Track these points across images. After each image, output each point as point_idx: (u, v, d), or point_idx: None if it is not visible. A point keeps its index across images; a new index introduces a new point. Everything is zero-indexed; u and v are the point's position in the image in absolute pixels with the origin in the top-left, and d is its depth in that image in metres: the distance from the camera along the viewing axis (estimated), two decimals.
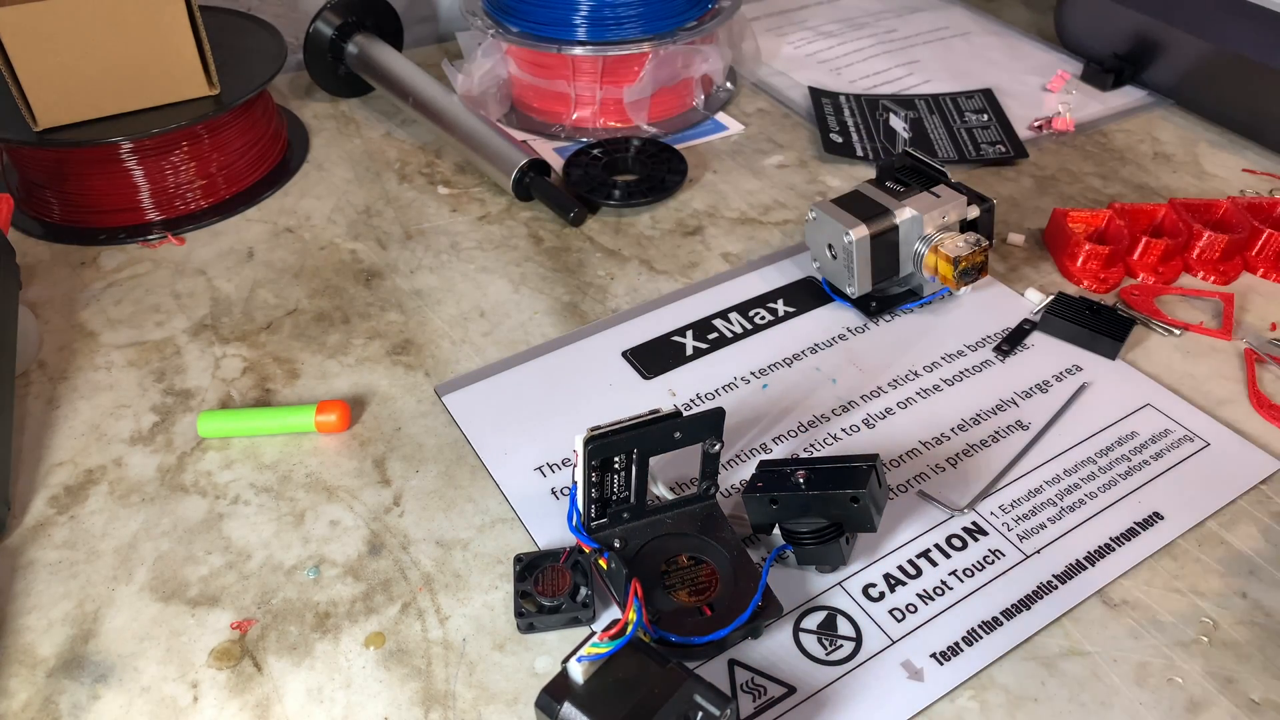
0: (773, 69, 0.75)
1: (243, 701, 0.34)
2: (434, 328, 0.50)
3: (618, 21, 0.63)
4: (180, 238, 0.57)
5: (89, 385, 0.47)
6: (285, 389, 0.47)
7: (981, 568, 0.38)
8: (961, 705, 0.34)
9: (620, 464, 0.36)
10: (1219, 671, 0.34)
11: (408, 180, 0.62)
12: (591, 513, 0.37)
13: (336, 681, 0.35)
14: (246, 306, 0.52)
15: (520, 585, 0.36)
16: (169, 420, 0.45)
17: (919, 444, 0.43)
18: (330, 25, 0.67)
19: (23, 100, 0.53)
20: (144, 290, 0.53)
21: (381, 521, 0.41)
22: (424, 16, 0.80)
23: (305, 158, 0.64)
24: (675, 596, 0.36)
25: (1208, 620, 0.36)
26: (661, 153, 0.62)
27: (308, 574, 0.39)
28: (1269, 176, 0.62)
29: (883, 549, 0.39)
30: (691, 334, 0.50)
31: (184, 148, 0.57)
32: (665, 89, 0.66)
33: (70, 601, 0.38)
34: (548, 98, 0.67)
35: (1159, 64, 0.69)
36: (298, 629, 0.37)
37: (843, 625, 0.36)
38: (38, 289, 0.53)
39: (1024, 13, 0.83)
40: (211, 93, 0.58)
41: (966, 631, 0.36)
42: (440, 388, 0.47)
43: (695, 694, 0.30)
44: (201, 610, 0.37)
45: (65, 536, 0.40)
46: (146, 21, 0.54)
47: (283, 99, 0.70)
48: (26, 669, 0.36)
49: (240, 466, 0.43)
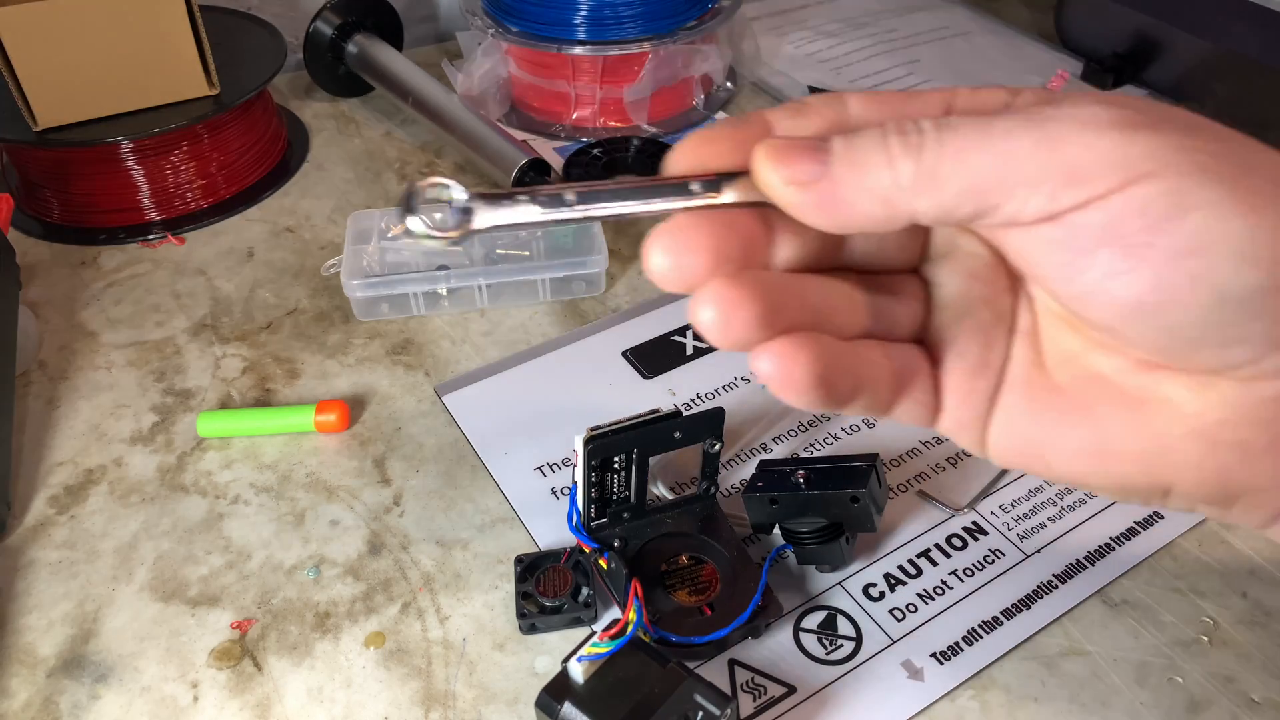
0: (773, 69, 0.75)
1: (243, 701, 0.34)
2: (434, 327, 0.50)
3: (618, 21, 0.63)
4: (180, 237, 0.57)
5: (89, 385, 0.47)
6: (285, 389, 0.47)
7: (982, 567, 0.38)
8: (962, 705, 0.34)
9: (620, 464, 0.36)
10: (1219, 671, 0.34)
11: (407, 180, 0.62)
12: (591, 513, 0.37)
13: (337, 681, 0.35)
14: (246, 306, 0.52)
15: (521, 586, 0.36)
16: (169, 420, 0.45)
17: (919, 443, 0.43)
18: (330, 25, 0.67)
19: (23, 100, 0.53)
20: (144, 290, 0.53)
21: (381, 521, 0.41)
22: (424, 16, 0.80)
23: (305, 157, 0.64)
24: (675, 596, 0.36)
25: (1208, 620, 0.36)
26: (662, 152, 0.62)
27: (308, 574, 0.39)
28: None
29: (883, 549, 0.39)
30: (692, 333, 0.50)
31: (184, 147, 0.57)
32: (665, 89, 0.66)
33: (70, 601, 0.38)
34: (548, 97, 0.67)
35: (1159, 63, 0.69)
36: (298, 629, 0.37)
37: (843, 625, 0.36)
38: (38, 289, 0.53)
39: (1024, 12, 0.83)
40: (211, 92, 0.58)
41: (967, 631, 0.36)
42: (440, 387, 0.47)
43: (695, 693, 0.30)
44: (202, 610, 0.37)
45: (65, 536, 0.40)
46: (146, 21, 0.54)
47: (282, 99, 0.70)
48: (27, 669, 0.36)
49: (240, 466, 0.43)
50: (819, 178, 0.21)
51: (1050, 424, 0.23)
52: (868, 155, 0.21)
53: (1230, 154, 0.20)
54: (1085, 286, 0.20)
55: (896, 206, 0.21)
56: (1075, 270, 0.20)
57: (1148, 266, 0.19)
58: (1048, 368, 0.23)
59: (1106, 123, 0.20)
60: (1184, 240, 0.19)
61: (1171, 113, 0.21)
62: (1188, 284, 0.19)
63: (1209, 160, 0.19)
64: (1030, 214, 0.20)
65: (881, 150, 0.21)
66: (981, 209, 0.20)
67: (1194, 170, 0.19)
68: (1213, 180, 0.19)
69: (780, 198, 0.21)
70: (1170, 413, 0.22)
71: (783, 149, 0.21)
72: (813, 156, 0.21)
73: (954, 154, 0.20)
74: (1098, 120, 0.20)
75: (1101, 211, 0.19)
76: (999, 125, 0.20)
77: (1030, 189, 0.20)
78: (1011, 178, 0.20)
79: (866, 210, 0.21)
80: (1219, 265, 0.19)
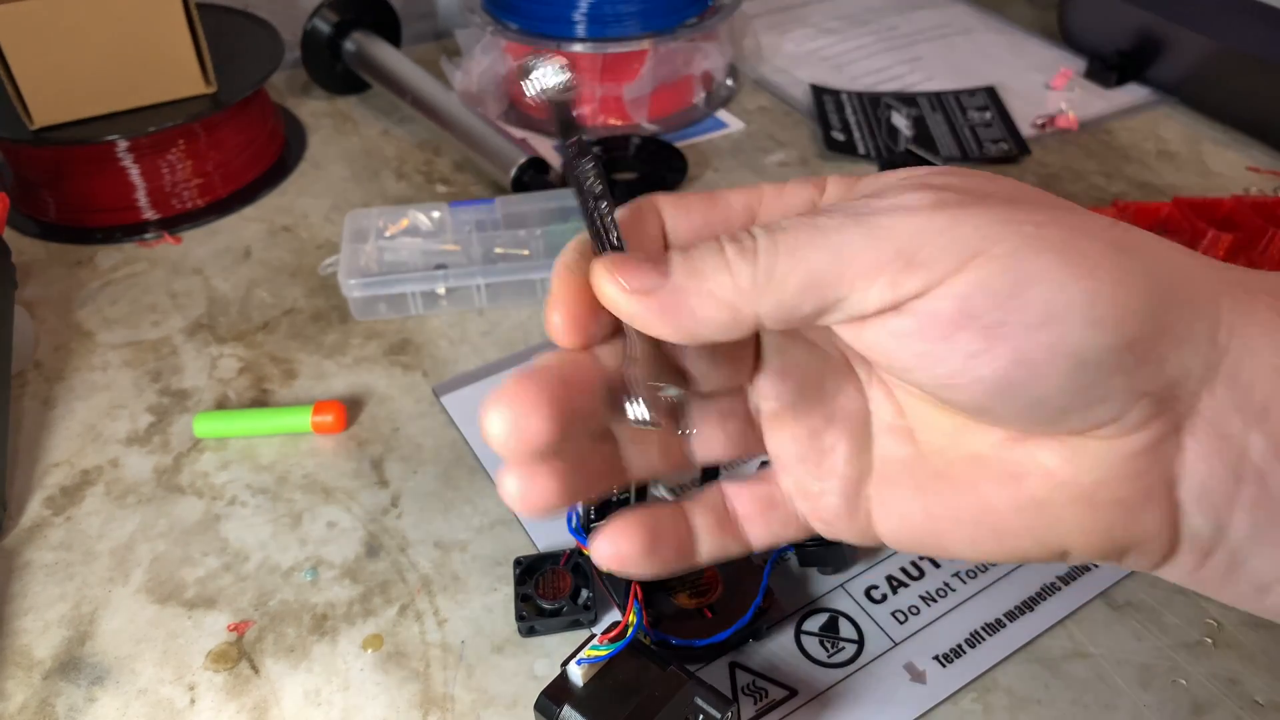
0: (774, 66, 0.74)
1: (240, 704, 0.34)
2: (432, 327, 0.50)
3: (617, 18, 0.63)
4: (177, 237, 0.57)
5: (85, 385, 0.47)
6: (282, 389, 0.47)
7: (984, 569, 0.38)
8: (965, 708, 0.33)
9: None
10: (1223, 673, 0.34)
11: (405, 178, 0.62)
12: (591, 514, 0.37)
13: (334, 684, 0.35)
14: (243, 306, 0.52)
15: (521, 589, 0.36)
16: (165, 421, 0.45)
17: None
18: (328, 22, 0.67)
19: (18, 98, 0.53)
20: (140, 290, 0.53)
21: (379, 523, 0.40)
22: (422, 13, 0.79)
23: (302, 156, 0.64)
24: (676, 599, 0.36)
25: (1212, 622, 0.36)
26: (661, 150, 0.62)
27: (305, 576, 0.38)
28: (1274, 175, 0.62)
29: (885, 550, 0.38)
30: None
31: (180, 146, 0.57)
32: (665, 86, 0.66)
33: (67, 603, 0.38)
34: None
35: (1163, 61, 0.68)
36: (295, 631, 0.36)
37: (845, 627, 0.36)
38: (34, 288, 0.53)
39: (1027, 10, 0.83)
40: (208, 91, 0.57)
41: (969, 633, 0.35)
42: (438, 388, 0.47)
43: (696, 697, 0.30)
44: (198, 612, 0.37)
45: (61, 538, 0.40)
46: (143, 19, 0.54)
47: (279, 96, 0.70)
48: (23, 671, 0.35)
49: (237, 467, 0.43)
50: (659, 288, 0.21)
51: (938, 508, 0.24)
52: (705, 263, 0.21)
53: (1054, 221, 0.20)
54: (948, 372, 0.21)
55: (740, 310, 0.21)
56: (935, 359, 0.21)
57: (1005, 344, 0.20)
58: (925, 455, 0.24)
59: (930, 206, 0.20)
60: (1033, 313, 0.20)
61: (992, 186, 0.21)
62: (1045, 355, 0.20)
63: (1034, 231, 0.20)
64: (873, 304, 0.20)
65: (718, 257, 0.21)
66: (823, 305, 0.21)
67: (1022, 243, 0.20)
68: (1043, 249, 0.20)
69: (624, 308, 0.22)
70: (1049, 482, 0.22)
71: (621, 262, 0.22)
72: (652, 269, 0.22)
73: (788, 253, 0.21)
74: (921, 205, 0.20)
75: (948, 298, 0.20)
76: (827, 222, 0.21)
77: (868, 280, 0.20)
78: (848, 271, 0.20)
79: (711, 316, 0.21)
80: (1071, 333, 0.20)
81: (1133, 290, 0.20)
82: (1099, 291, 0.20)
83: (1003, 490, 0.22)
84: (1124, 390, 0.20)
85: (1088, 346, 0.20)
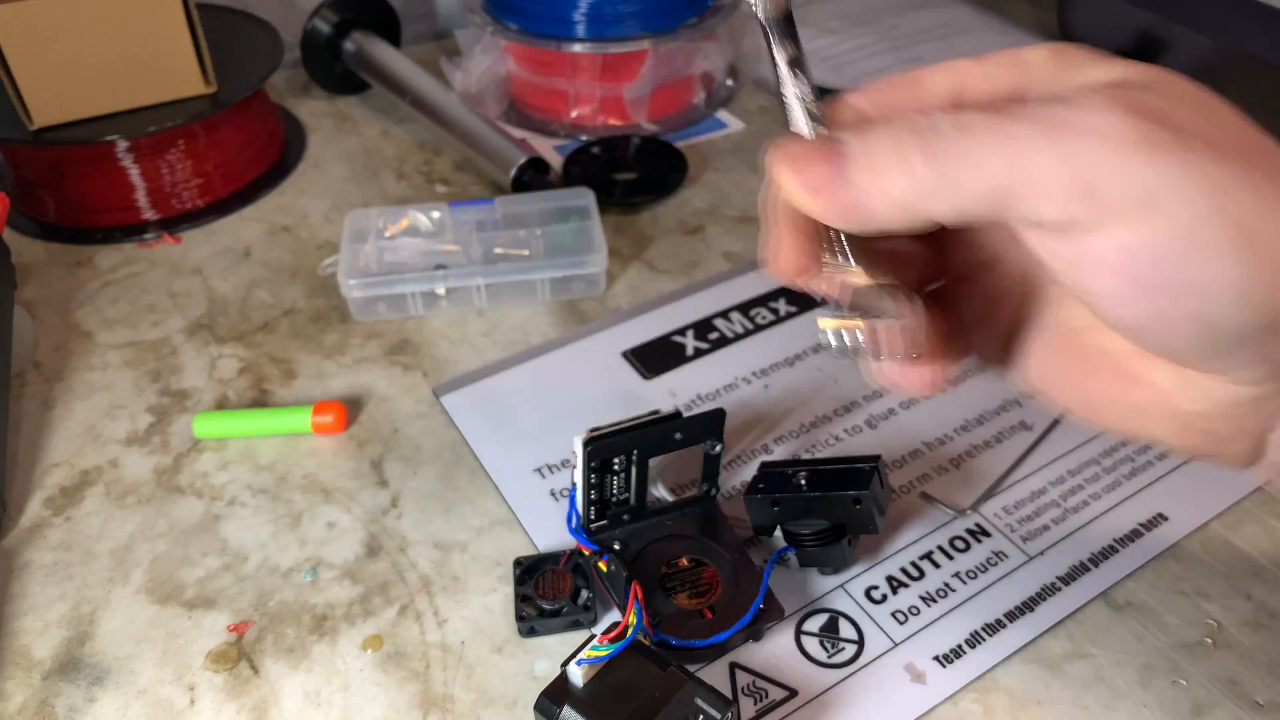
0: None
1: (240, 704, 0.34)
2: (432, 327, 0.50)
3: (617, 18, 0.63)
4: (176, 237, 0.57)
5: (85, 386, 0.47)
6: (282, 389, 0.47)
7: (985, 569, 0.38)
8: (965, 708, 0.33)
9: (620, 465, 0.36)
10: (1223, 674, 0.34)
11: (405, 178, 0.62)
12: (591, 515, 0.37)
13: (334, 684, 0.35)
14: (243, 306, 0.52)
15: (520, 589, 0.36)
16: (165, 421, 0.45)
17: (922, 445, 0.43)
18: (328, 22, 0.67)
19: (18, 98, 0.53)
20: (140, 290, 0.53)
21: (379, 523, 0.40)
22: (422, 14, 0.79)
23: (302, 156, 0.64)
24: (676, 599, 0.36)
25: (1212, 622, 0.36)
26: (662, 151, 0.62)
27: (305, 576, 0.38)
28: None
29: (885, 551, 0.38)
30: (692, 334, 0.49)
31: (180, 146, 0.57)
32: (666, 86, 0.66)
33: (66, 604, 0.38)
34: (547, 95, 0.67)
35: (1163, 61, 0.68)
36: (295, 631, 0.36)
37: (845, 628, 0.36)
38: (33, 289, 0.53)
39: (1027, 10, 0.83)
40: (208, 91, 0.57)
41: (970, 634, 0.35)
42: (438, 388, 0.47)
43: (696, 697, 0.30)
44: (198, 612, 0.37)
45: (61, 538, 0.40)
46: (143, 19, 0.54)
47: (279, 96, 0.70)
48: (23, 671, 0.35)
49: (236, 468, 0.43)
50: (834, 183, 0.22)
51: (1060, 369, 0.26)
52: (883, 158, 0.21)
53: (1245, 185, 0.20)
54: (1091, 294, 0.22)
55: (914, 209, 0.21)
56: (1082, 282, 0.21)
57: (1150, 303, 0.20)
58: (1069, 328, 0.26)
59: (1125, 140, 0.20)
60: (1189, 283, 0.20)
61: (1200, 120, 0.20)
62: (1185, 320, 0.20)
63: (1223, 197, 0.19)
64: (1043, 218, 0.21)
65: (896, 152, 0.21)
66: (997, 212, 0.21)
67: (1206, 209, 0.19)
68: (1224, 222, 0.20)
69: (799, 203, 0.23)
70: (1155, 397, 0.24)
71: (796, 155, 0.22)
72: (826, 160, 0.22)
73: (970, 157, 0.20)
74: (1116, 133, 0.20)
75: (1112, 247, 0.20)
76: (1015, 129, 0.20)
77: (1042, 197, 0.20)
78: (1027, 186, 0.20)
79: (885, 213, 0.22)
80: (1220, 310, 0.20)
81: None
82: (1262, 279, 0.20)
83: (1113, 385, 0.25)
84: (1251, 356, 0.21)
85: (1233, 323, 0.20)
